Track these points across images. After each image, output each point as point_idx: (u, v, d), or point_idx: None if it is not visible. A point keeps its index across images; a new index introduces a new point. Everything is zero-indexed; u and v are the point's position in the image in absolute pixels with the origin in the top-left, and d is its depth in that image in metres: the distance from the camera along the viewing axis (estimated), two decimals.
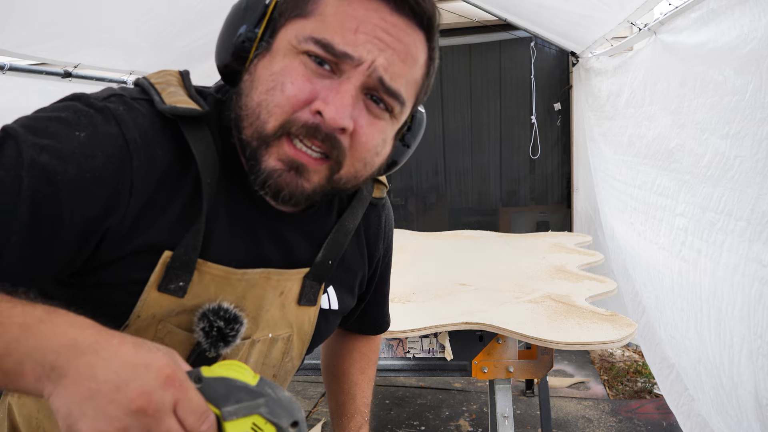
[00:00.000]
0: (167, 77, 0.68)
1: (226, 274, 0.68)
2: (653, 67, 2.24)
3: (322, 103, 0.60)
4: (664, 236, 2.09)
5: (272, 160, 0.62)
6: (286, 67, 0.61)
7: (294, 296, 0.76)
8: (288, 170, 0.62)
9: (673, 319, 2.06)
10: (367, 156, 0.65)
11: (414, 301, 1.80)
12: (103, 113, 0.60)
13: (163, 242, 0.63)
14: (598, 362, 3.33)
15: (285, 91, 0.61)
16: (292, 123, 0.61)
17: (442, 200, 4.44)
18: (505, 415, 1.62)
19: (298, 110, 0.61)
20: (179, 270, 0.64)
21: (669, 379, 2.29)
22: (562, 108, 4.09)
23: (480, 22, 3.96)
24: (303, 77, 0.61)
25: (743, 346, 1.49)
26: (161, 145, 0.63)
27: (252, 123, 0.62)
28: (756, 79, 1.39)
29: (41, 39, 2.31)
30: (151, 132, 0.62)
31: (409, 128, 0.79)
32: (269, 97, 0.61)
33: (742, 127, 1.47)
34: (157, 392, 0.44)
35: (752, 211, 1.43)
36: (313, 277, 0.77)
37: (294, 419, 0.51)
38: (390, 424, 2.72)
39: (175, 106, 0.63)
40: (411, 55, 0.65)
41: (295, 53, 0.62)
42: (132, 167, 0.60)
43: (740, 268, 1.49)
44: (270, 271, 0.71)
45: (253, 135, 0.62)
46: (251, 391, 0.51)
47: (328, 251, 0.77)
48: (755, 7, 1.39)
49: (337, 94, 0.60)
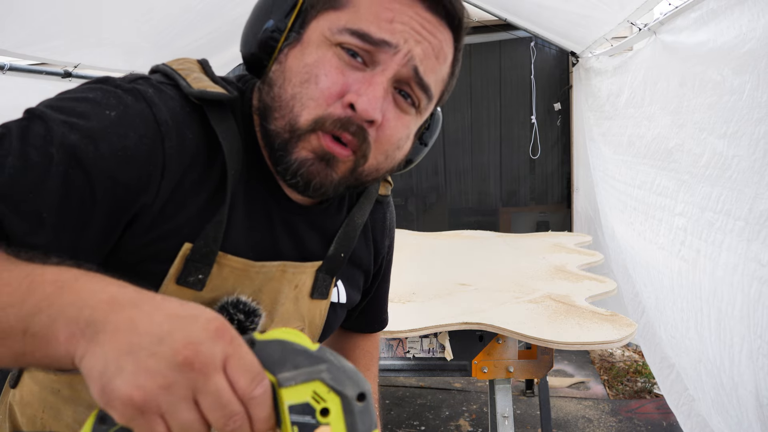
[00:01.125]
0: (188, 64, 0.67)
1: (245, 266, 0.67)
2: (653, 67, 2.25)
3: (354, 95, 0.60)
4: (664, 236, 2.10)
5: (304, 151, 0.62)
6: (319, 58, 0.61)
7: (307, 290, 0.75)
8: (319, 161, 0.62)
9: (673, 318, 2.06)
10: (390, 149, 0.66)
11: (414, 301, 1.80)
12: (132, 93, 0.59)
13: (185, 233, 0.62)
14: (598, 362, 3.33)
15: (319, 83, 0.60)
16: (325, 119, 0.60)
17: (442, 200, 4.44)
18: (505, 415, 1.62)
19: (331, 104, 0.60)
20: (199, 263, 0.63)
21: (669, 379, 2.29)
22: (562, 108, 4.09)
23: (480, 22, 3.96)
24: (336, 69, 0.61)
25: (743, 346, 1.49)
26: (191, 128, 0.62)
27: (284, 115, 0.62)
28: (753, 78, 1.40)
29: (41, 39, 2.31)
30: (181, 115, 0.61)
31: (428, 127, 0.79)
32: (303, 89, 0.61)
33: (740, 126, 1.47)
34: (205, 343, 0.39)
35: (750, 211, 1.43)
36: (326, 270, 0.77)
37: (361, 390, 0.44)
38: (390, 424, 2.72)
39: (204, 90, 0.62)
40: (443, 52, 0.65)
41: (328, 45, 0.61)
42: (164, 148, 0.59)
43: (739, 268, 1.49)
44: (287, 264, 0.71)
45: (285, 127, 0.62)
46: (312, 356, 0.44)
47: (339, 245, 0.77)
48: (754, 6, 1.39)
49: (369, 86, 0.60)
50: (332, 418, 0.43)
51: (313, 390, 0.43)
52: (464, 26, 0.67)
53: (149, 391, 0.38)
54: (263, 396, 0.41)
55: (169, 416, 0.39)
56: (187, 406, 0.39)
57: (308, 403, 0.43)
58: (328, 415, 0.43)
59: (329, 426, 0.42)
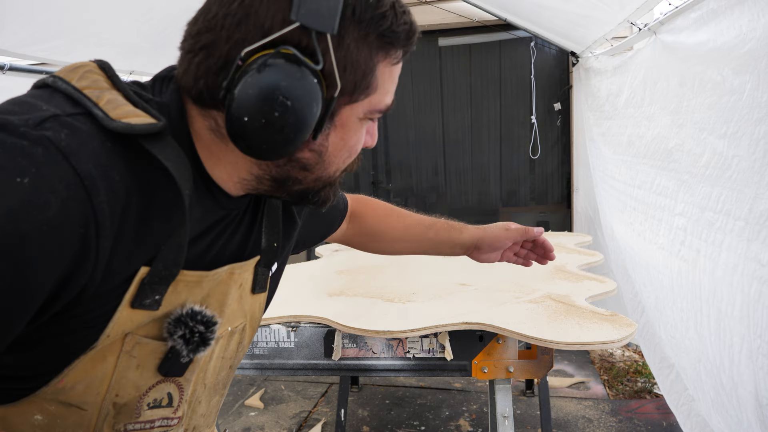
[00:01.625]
0: (91, 77, 0.59)
1: (199, 278, 0.65)
2: (653, 67, 2.25)
3: (370, 138, 0.71)
4: (664, 236, 2.09)
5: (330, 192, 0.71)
6: (360, 137, 0.68)
7: (249, 286, 0.76)
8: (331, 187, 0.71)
9: (673, 318, 2.06)
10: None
11: (414, 301, 1.80)
12: (42, 146, 0.49)
13: (137, 262, 0.58)
14: (598, 362, 3.33)
15: (354, 154, 0.69)
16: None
17: (442, 200, 4.44)
18: (505, 415, 1.62)
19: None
20: (157, 284, 0.60)
21: (669, 379, 2.29)
22: (562, 108, 4.09)
23: (480, 22, 3.96)
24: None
25: (743, 346, 1.49)
26: (116, 167, 0.54)
27: (320, 177, 0.67)
28: (754, 78, 1.40)
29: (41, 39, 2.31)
30: (103, 155, 0.53)
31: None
32: (347, 162, 0.69)
33: (740, 126, 1.47)
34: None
35: (750, 211, 1.43)
36: (264, 263, 0.77)
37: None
38: (390, 424, 2.72)
39: (129, 124, 0.54)
40: None
41: (362, 122, 0.66)
42: (93, 205, 0.51)
43: (739, 268, 1.49)
44: (234, 266, 0.71)
45: (317, 181, 0.68)
46: None
47: (268, 235, 0.77)
48: (754, 6, 1.39)
49: (373, 124, 0.71)
50: None
51: None
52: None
53: None
54: None
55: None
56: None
57: None
58: None
59: None
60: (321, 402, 2.99)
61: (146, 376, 0.65)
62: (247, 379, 3.28)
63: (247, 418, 2.84)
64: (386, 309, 1.73)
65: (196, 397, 0.74)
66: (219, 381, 0.79)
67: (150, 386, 0.66)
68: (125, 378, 0.63)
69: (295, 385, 3.20)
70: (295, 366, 1.70)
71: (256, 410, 2.93)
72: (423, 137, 4.35)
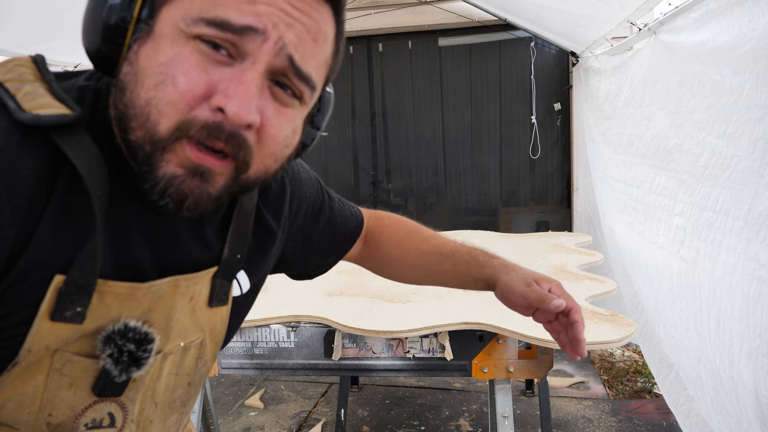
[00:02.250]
0: (19, 70, 0.56)
1: (130, 290, 0.59)
2: (652, 67, 2.25)
3: (222, 97, 0.51)
4: (663, 236, 2.10)
5: (171, 165, 0.53)
6: (175, 56, 0.51)
7: (204, 299, 0.68)
8: (192, 176, 0.54)
9: (673, 318, 2.06)
10: (277, 150, 0.58)
11: (414, 301, 1.80)
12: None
13: (49, 265, 0.53)
14: (598, 362, 3.33)
15: (177, 85, 0.51)
16: (189, 125, 0.52)
17: (442, 200, 4.44)
18: (505, 415, 1.62)
19: (195, 107, 0.52)
20: (75, 294, 0.54)
21: (668, 379, 2.29)
22: (562, 108, 4.09)
23: (480, 22, 3.96)
24: (197, 67, 0.51)
25: (743, 346, 1.49)
26: (24, 162, 0.51)
27: (142, 124, 0.52)
28: (753, 78, 1.40)
29: (41, 39, 2.31)
30: (10, 148, 0.50)
31: (319, 109, 0.70)
32: (159, 93, 0.51)
33: (739, 126, 1.47)
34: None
35: (749, 211, 1.43)
36: (223, 275, 0.69)
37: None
38: (390, 424, 2.72)
39: (38, 115, 0.51)
40: (322, 32, 0.57)
41: (185, 38, 0.52)
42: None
43: (738, 268, 1.49)
44: (178, 278, 0.63)
45: (144, 138, 0.52)
46: None
47: (233, 244, 0.69)
48: (754, 6, 1.39)
49: (239, 84, 0.52)
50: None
51: None
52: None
53: None
54: None
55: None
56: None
57: None
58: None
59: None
60: (321, 402, 2.99)
61: (80, 396, 0.59)
62: (247, 379, 3.28)
63: (247, 418, 2.84)
64: (386, 309, 1.73)
65: (146, 416, 0.67)
66: (176, 399, 0.71)
67: (86, 406, 0.60)
68: (58, 397, 0.57)
69: (295, 385, 3.20)
70: (295, 366, 1.70)
71: (256, 410, 2.93)
72: (423, 137, 4.35)
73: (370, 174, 4.51)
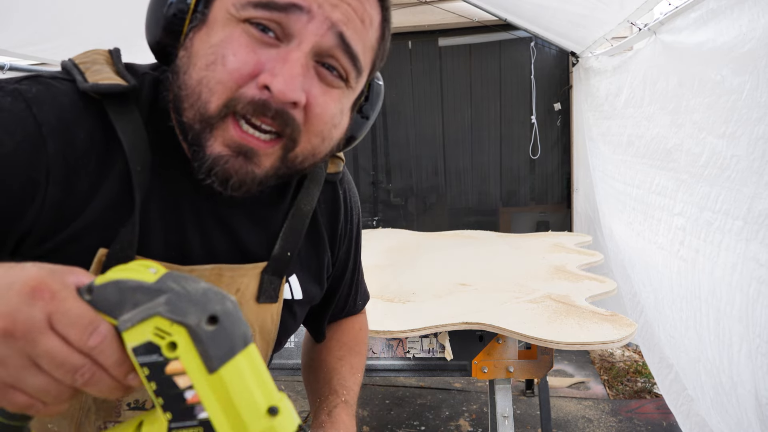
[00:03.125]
0: (93, 56, 0.62)
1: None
2: (652, 66, 2.25)
3: (269, 75, 0.53)
4: (663, 236, 2.10)
5: (217, 145, 0.56)
6: (226, 37, 0.55)
7: (252, 293, 0.68)
8: (236, 156, 0.56)
9: (672, 318, 2.06)
10: (325, 129, 0.59)
11: (414, 301, 1.80)
12: (12, 95, 0.54)
13: (94, 236, 0.57)
14: (598, 362, 3.33)
15: (227, 64, 0.54)
16: (237, 101, 0.54)
17: (442, 200, 4.44)
18: (505, 415, 1.62)
19: (242, 85, 0.54)
20: None
21: (668, 379, 2.29)
22: (562, 108, 4.09)
23: (480, 22, 3.96)
24: (246, 47, 0.54)
25: (742, 346, 1.49)
26: (83, 126, 0.56)
27: (193, 103, 0.55)
28: (753, 78, 1.40)
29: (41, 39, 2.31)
30: (71, 113, 0.56)
31: (367, 98, 0.71)
32: (210, 72, 0.54)
33: (739, 126, 1.47)
34: (21, 309, 0.37)
35: (749, 211, 1.43)
36: (272, 271, 0.69)
37: (210, 313, 0.40)
38: (390, 424, 2.72)
39: (97, 84, 0.56)
40: (368, 14, 0.58)
41: (235, 22, 0.55)
42: (47, 152, 0.53)
43: (738, 268, 1.49)
44: (222, 267, 0.64)
45: (194, 117, 0.56)
46: (149, 290, 0.40)
47: (285, 241, 0.70)
48: (754, 6, 1.39)
49: (285, 63, 0.54)
50: (181, 350, 0.40)
51: (155, 326, 0.40)
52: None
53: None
54: (103, 344, 0.39)
55: (19, 385, 0.39)
56: (30, 372, 0.38)
57: (150, 341, 0.40)
58: (176, 348, 0.40)
59: (178, 359, 0.40)
60: None
61: None
62: None
63: None
64: (386, 309, 1.73)
65: None
66: None
67: None
68: None
69: (295, 385, 3.20)
70: (295, 366, 1.70)
71: None
72: (423, 137, 4.35)
73: (370, 174, 4.51)
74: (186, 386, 0.41)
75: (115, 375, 0.40)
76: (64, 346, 0.38)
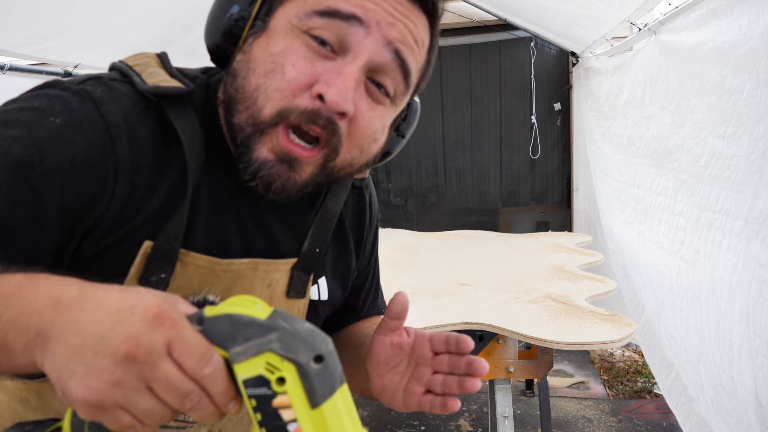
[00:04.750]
0: (145, 59, 0.65)
1: (210, 264, 0.64)
2: (653, 66, 2.25)
3: (324, 85, 0.56)
4: (663, 236, 2.10)
5: (264, 150, 0.58)
6: (286, 48, 0.57)
7: (282, 288, 0.72)
8: (280, 163, 0.59)
9: (673, 318, 2.06)
10: (365, 143, 0.62)
11: (414, 301, 1.80)
12: (79, 96, 0.56)
13: (145, 231, 0.59)
14: (598, 362, 3.33)
15: (285, 74, 0.57)
16: (290, 111, 0.57)
17: (442, 200, 4.44)
18: (505, 415, 1.62)
19: (298, 95, 0.57)
20: (161, 261, 0.60)
21: (669, 379, 2.29)
22: (562, 108, 4.09)
23: (480, 22, 3.96)
24: (304, 59, 0.57)
25: (743, 346, 1.49)
26: (145, 126, 0.59)
27: (248, 107, 0.58)
28: (753, 78, 1.40)
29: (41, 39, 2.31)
30: (134, 113, 0.59)
31: (405, 117, 0.76)
32: (268, 80, 0.57)
33: (739, 126, 1.47)
34: (145, 334, 0.39)
35: (749, 211, 1.43)
36: (302, 267, 0.73)
37: (317, 352, 0.43)
38: (390, 424, 2.72)
39: (158, 86, 0.59)
40: (420, 37, 0.62)
41: (296, 34, 0.58)
42: (115, 152, 0.56)
43: (738, 268, 1.49)
44: (258, 261, 0.68)
45: (248, 120, 0.58)
46: (261, 326, 0.43)
47: (314, 239, 0.73)
48: (754, 6, 1.39)
49: (339, 76, 0.56)
50: (289, 385, 0.43)
51: (266, 361, 0.43)
52: (440, 10, 0.63)
53: (101, 390, 0.39)
54: (214, 373, 0.42)
55: (129, 407, 0.40)
56: (142, 395, 0.40)
57: (262, 375, 0.43)
58: (285, 383, 0.43)
59: (287, 394, 0.43)
60: None
61: None
62: None
63: None
64: None
65: None
66: None
67: None
68: None
69: None
70: None
71: None
72: (423, 137, 4.35)
73: (370, 174, 4.51)
74: (290, 419, 0.43)
75: (219, 403, 0.43)
76: (179, 372, 0.40)
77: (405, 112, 0.75)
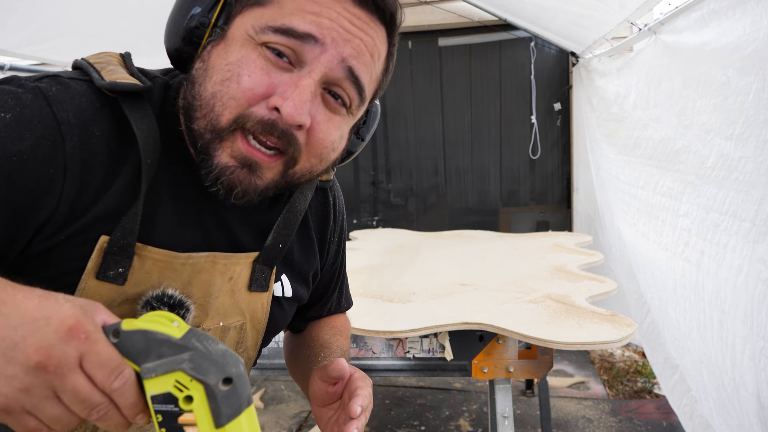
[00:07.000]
0: (107, 57, 0.65)
1: (168, 258, 0.64)
2: (655, 67, 2.24)
3: (279, 98, 0.58)
4: (668, 237, 2.09)
5: (225, 156, 0.60)
6: (243, 57, 0.59)
7: (244, 282, 0.73)
8: (241, 167, 0.60)
9: (677, 319, 2.06)
10: (324, 152, 0.64)
11: (414, 301, 1.80)
12: (33, 93, 0.56)
13: (101, 227, 0.60)
14: (598, 362, 3.33)
15: (241, 83, 0.58)
16: (247, 118, 0.58)
17: (442, 200, 4.44)
18: (505, 415, 1.62)
19: (254, 104, 0.58)
20: (117, 255, 0.60)
21: (672, 380, 2.29)
22: (562, 108, 4.09)
23: (480, 22, 3.96)
24: (261, 70, 0.58)
25: (746, 348, 1.49)
26: (98, 124, 0.59)
27: (205, 114, 0.59)
28: (759, 79, 1.39)
29: (41, 39, 2.31)
30: (88, 111, 0.59)
31: (365, 122, 0.77)
32: (224, 88, 0.58)
33: (746, 128, 1.47)
34: (57, 346, 0.41)
35: (757, 213, 1.42)
36: (264, 261, 0.74)
37: (226, 375, 0.44)
38: (390, 424, 2.72)
39: (114, 82, 0.60)
40: (376, 50, 0.63)
41: (253, 45, 0.59)
42: (65, 149, 0.56)
43: (744, 269, 1.49)
44: (216, 255, 0.68)
45: (206, 127, 0.59)
46: (174, 345, 0.45)
47: (278, 234, 0.74)
48: (756, 7, 1.39)
49: (296, 89, 0.58)
50: (195, 405, 0.44)
51: (176, 379, 0.44)
52: (398, 21, 0.65)
53: (8, 395, 0.41)
54: (124, 387, 0.43)
55: (36, 413, 0.42)
56: (50, 403, 0.42)
57: (170, 392, 0.44)
58: (192, 402, 0.44)
59: (192, 413, 0.44)
60: None
61: None
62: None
63: None
64: (386, 309, 1.73)
65: None
66: None
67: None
68: None
69: (295, 385, 3.20)
70: None
71: (256, 410, 2.93)
72: (423, 137, 4.35)
73: (370, 174, 4.51)
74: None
75: (127, 414, 0.45)
76: (88, 384, 0.42)
77: (364, 117, 0.77)
